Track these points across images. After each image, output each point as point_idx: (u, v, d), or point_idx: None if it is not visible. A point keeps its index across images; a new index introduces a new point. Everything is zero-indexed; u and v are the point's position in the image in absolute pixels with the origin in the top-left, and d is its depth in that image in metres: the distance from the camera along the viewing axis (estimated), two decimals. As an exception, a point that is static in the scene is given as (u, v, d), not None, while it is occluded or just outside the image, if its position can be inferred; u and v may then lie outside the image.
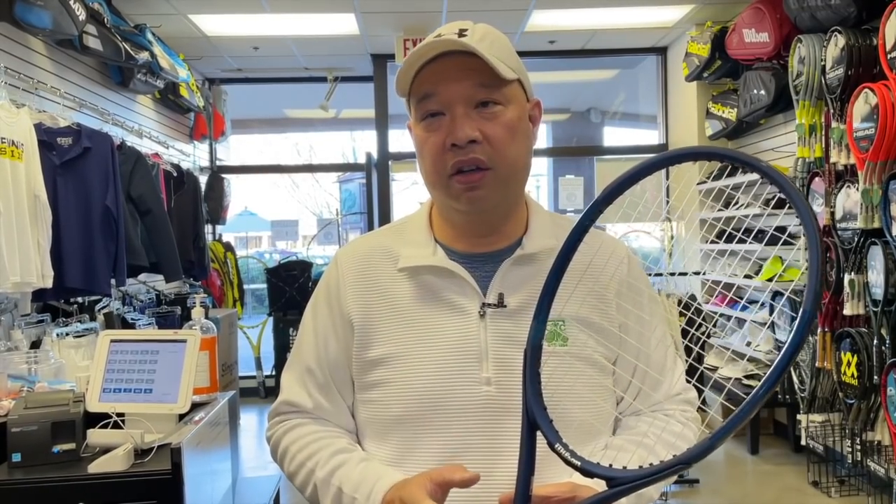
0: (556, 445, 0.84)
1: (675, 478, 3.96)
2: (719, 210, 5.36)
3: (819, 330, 3.87)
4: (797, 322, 0.73)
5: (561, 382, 1.05)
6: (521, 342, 1.05)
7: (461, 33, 1.04)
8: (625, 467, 0.82)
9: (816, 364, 3.89)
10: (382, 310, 1.11)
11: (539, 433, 0.87)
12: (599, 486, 0.98)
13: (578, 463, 0.83)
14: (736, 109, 4.98)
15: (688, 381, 1.21)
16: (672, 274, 4.62)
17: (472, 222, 1.11)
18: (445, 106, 1.04)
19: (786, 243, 4.52)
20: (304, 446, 1.13)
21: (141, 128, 4.92)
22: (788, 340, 0.73)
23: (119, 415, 1.73)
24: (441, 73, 1.04)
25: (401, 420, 1.07)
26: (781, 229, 4.61)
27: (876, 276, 3.36)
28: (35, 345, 3.05)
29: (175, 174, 4.95)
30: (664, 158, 0.85)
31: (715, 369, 5.08)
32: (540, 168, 9.14)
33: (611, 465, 0.82)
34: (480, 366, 1.05)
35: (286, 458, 1.15)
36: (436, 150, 1.05)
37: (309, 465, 1.10)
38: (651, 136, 6.68)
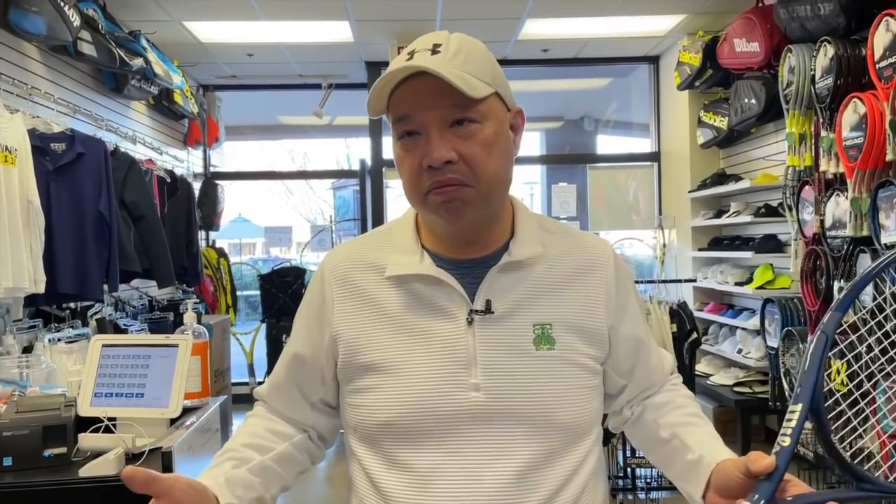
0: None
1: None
2: (712, 217, 5.39)
3: (809, 337, 3.89)
4: None
5: (549, 385, 1.06)
6: (509, 348, 1.07)
7: (434, 49, 1.02)
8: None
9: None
10: (371, 318, 1.10)
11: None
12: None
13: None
14: (727, 118, 5.01)
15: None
16: (664, 281, 4.63)
17: (455, 234, 1.11)
18: (420, 127, 1.03)
19: (776, 251, 4.56)
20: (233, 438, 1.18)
21: (135, 134, 4.92)
22: None
23: (110, 419, 1.73)
24: (414, 94, 1.02)
25: (389, 425, 1.06)
26: (771, 237, 4.64)
27: (865, 284, 3.38)
28: (27, 350, 3.04)
29: (168, 180, 4.95)
30: None
31: (707, 376, 5.10)
32: (533, 175, 9.16)
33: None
34: (469, 372, 1.05)
35: None
36: (412, 170, 1.04)
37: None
38: (643, 145, 6.72)
